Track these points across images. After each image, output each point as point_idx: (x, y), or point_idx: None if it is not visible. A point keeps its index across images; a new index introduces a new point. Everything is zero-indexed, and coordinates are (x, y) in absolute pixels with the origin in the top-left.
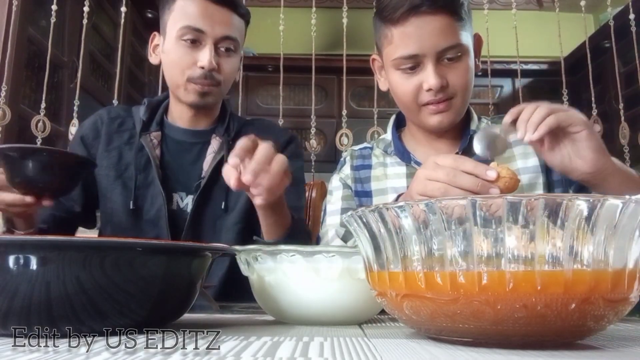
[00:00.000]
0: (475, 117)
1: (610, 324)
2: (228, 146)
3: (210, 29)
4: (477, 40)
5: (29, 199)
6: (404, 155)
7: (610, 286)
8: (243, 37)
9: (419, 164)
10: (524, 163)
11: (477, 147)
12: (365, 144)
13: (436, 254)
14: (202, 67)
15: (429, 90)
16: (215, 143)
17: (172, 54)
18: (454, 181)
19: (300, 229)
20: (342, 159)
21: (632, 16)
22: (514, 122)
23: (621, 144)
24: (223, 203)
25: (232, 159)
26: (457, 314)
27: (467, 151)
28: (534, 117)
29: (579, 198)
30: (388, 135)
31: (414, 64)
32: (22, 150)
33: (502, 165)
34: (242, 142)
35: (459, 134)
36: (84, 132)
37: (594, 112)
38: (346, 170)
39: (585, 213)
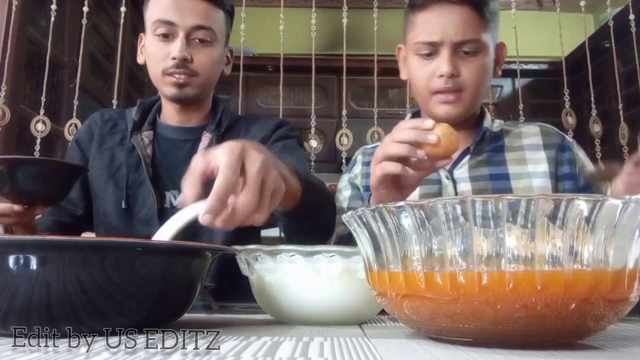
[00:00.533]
0: (489, 116)
1: (610, 324)
2: (218, 141)
3: (180, 19)
4: (500, 49)
5: (17, 207)
6: None
7: (610, 286)
8: (224, 27)
9: None
10: (535, 168)
11: None
12: (378, 143)
13: (436, 254)
14: (174, 58)
15: (441, 77)
16: (205, 139)
17: (149, 49)
18: (396, 137)
19: (314, 187)
20: (353, 157)
21: (632, 16)
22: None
23: (620, 144)
24: None
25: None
26: (457, 314)
27: (479, 147)
28: None
29: (579, 198)
30: None
31: (431, 50)
32: (8, 162)
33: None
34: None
35: (472, 131)
36: (78, 135)
37: (594, 112)
38: (356, 170)
39: (585, 213)
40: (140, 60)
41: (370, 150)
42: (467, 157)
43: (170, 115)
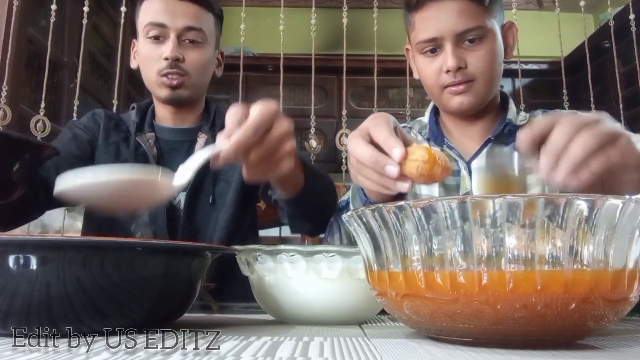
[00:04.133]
0: (513, 107)
1: (610, 324)
2: (213, 141)
3: (171, 21)
4: (508, 28)
5: None
6: (438, 138)
7: (610, 286)
8: (213, 29)
9: (451, 147)
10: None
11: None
12: (404, 124)
13: (436, 253)
14: (167, 59)
15: (448, 72)
16: (201, 140)
17: (142, 52)
18: (353, 150)
19: (315, 174)
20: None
21: (632, 16)
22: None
23: None
24: (211, 197)
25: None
26: (457, 314)
27: (500, 139)
28: (573, 154)
29: (579, 198)
30: (425, 118)
31: (434, 46)
32: None
33: (428, 147)
34: (231, 115)
35: (493, 122)
36: (84, 122)
37: (594, 112)
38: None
39: (585, 213)
40: (133, 65)
41: None
42: (487, 149)
43: (165, 117)
